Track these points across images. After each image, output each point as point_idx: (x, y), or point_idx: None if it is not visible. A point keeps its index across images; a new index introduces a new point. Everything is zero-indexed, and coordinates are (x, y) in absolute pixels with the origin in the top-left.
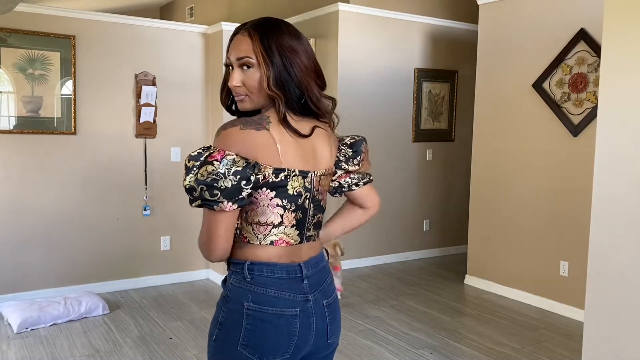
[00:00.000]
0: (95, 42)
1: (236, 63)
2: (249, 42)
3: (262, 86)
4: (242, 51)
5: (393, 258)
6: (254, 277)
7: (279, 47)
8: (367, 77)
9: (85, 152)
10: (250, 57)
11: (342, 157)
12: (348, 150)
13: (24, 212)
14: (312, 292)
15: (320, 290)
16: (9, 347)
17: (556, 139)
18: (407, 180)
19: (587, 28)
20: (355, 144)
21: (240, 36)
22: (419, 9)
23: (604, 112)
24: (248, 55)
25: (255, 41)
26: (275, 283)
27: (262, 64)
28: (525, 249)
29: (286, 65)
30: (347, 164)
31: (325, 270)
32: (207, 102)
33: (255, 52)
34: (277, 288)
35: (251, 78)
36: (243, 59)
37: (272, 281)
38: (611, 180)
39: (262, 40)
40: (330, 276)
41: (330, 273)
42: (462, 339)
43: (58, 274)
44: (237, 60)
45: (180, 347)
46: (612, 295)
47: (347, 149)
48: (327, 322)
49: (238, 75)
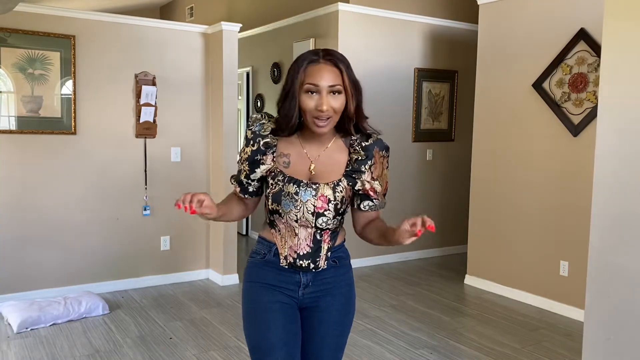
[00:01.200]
0: (95, 42)
1: (327, 89)
2: (338, 73)
3: (344, 109)
4: (333, 80)
5: (393, 258)
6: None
7: (354, 78)
8: (367, 77)
9: (85, 152)
10: (340, 86)
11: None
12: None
13: (24, 212)
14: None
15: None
16: (9, 347)
17: (556, 139)
18: (407, 180)
19: (587, 28)
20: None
21: (326, 66)
22: (419, 9)
23: (604, 112)
24: (338, 83)
25: (343, 73)
26: None
27: (348, 91)
28: (525, 249)
29: (358, 96)
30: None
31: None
32: (207, 102)
33: (344, 82)
34: None
35: (338, 103)
36: (335, 86)
37: None
38: (611, 180)
39: (347, 71)
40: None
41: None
42: (462, 339)
43: (58, 274)
44: (329, 87)
45: (180, 347)
46: (612, 295)
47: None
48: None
49: (328, 100)
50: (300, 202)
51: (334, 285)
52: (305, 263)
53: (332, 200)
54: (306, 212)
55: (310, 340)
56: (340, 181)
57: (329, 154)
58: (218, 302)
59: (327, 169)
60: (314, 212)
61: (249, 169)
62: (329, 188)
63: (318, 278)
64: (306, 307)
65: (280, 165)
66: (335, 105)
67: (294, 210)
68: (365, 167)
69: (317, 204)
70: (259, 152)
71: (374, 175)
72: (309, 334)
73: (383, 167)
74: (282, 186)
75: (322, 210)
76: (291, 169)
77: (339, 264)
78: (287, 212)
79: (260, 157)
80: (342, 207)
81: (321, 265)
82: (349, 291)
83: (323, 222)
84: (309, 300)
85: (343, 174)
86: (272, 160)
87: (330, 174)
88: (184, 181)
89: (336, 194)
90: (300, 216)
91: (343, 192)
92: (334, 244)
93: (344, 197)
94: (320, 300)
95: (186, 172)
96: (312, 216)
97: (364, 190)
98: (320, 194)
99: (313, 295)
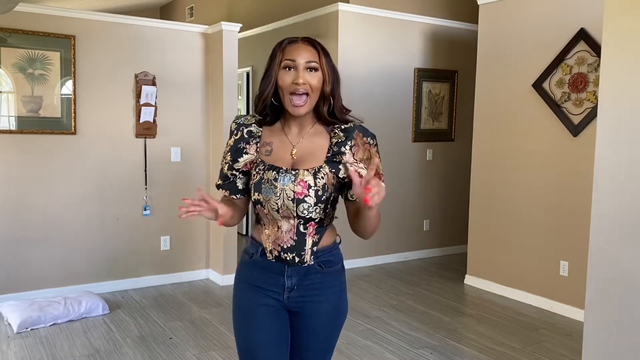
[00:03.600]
0: (95, 42)
1: (303, 65)
2: (314, 51)
3: (321, 87)
4: (310, 57)
5: (393, 258)
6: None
7: (333, 64)
8: (367, 77)
9: (85, 152)
10: (317, 63)
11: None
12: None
13: (24, 212)
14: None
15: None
16: (9, 347)
17: (556, 139)
18: (407, 180)
19: (587, 28)
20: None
21: (303, 45)
22: (419, 9)
23: (604, 112)
24: (315, 60)
25: (320, 53)
26: None
27: (325, 71)
28: (525, 249)
29: (335, 81)
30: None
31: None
32: (207, 102)
33: (321, 61)
34: None
35: (314, 80)
36: (311, 62)
37: None
38: (611, 180)
39: (324, 53)
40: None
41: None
42: (462, 339)
43: (58, 274)
44: (306, 63)
45: (180, 347)
46: (612, 295)
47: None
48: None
49: (304, 75)
50: (280, 189)
51: (320, 292)
52: (290, 256)
53: (313, 186)
54: (286, 198)
55: (297, 343)
56: (322, 167)
57: (310, 138)
58: (218, 302)
59: (309, 153)
60: (294, 198)
61: (232, 158)
62: (309, 174)
63: (304, 283)
64: (292, 311)
65: (263, 155)
66: (312, 82)
67: (274, 198)
68: (345, 148)
69: (296, 189)
70: (242, 140)
71: (357, 157)
72: (295, 337)
73: (370, 152)
74: (262, 174)
75: (302, 196)
76: (272, 157)
77: (325, 269)
78: (268, 200)
79: (244, 145)
80: (324, 194)
81: (307, 260)
82: (338, 298)
83: (305, 210)
84: (294, 304)
85: (325, 160)
86: (255, 151)
87: (311, 159)
88: (184, 181)
89: (317, 180)
90: (281, 204)
91: (325, 178)
92: (320, 239)
93: (326, 185)
94: (305, 307)
95: (186, 172)
96: (293, 203)
97: (348, 176)
98: (300, 179)
99: (299, 300)
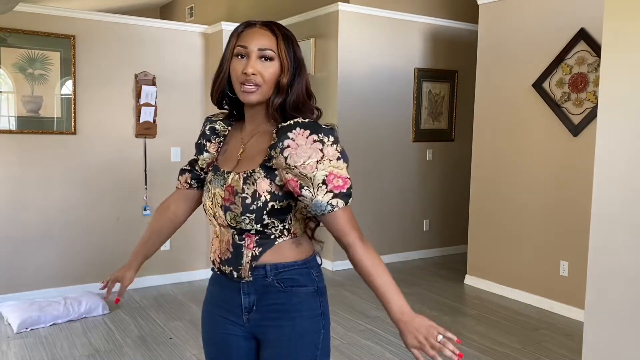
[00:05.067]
0: (95, 42)
1: (256, 53)
2: (272, 37)
3: (277, 79)
4: (264, 43)
5: (393, 258)
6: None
7: (295, 52)
8: (367, 77)
9: (85, 152)
10: (273, 51)
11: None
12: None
13: (24, 212)
14: None
15: None
16: (9, 347)
17: (556, 139)
18: (407, 180)
19: (587, 28)
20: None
21: (260, 29)
22: (419, 9)
23: (604, 112)
24: (271, 48)
25: (279, 39)
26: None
27: (283, 60)
28: (525, 249)
29: (297, 73)
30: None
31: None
32: (207, 102)
33: (279, 49)
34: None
35: (268, 71)
36: (265, 50)
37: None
38: (611, 180)
39: (284, 40)
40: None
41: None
42: (462, 339)
43: (58, 274)
44: (259, 51)
45: (180, 347)
46: (612, 295)
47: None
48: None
49: (256, 64)
50: (212, 193)
51: (282, 315)
52: (228, 270)
53: (240, 193)
54: (216, 204)
55: None
56: (254, 172)
57: (259, 137)
58: None
59: (251, 154)
60: (222, 205)
61: (195, 154)
62: (240, 178)
63: (263, 303)
64: (257, 338)
65: (220, 155)
66: (264, 72)
67: (209, 202)
68: (275, 151)
69: (224, 195)
70: (204, 137)
71: (291, 162)
72: None
73: (323, 153)
74: (208, 175)
75: (227, 203)
76: (224, 156)
77: (285, 287)
78: (204, 204)
79: (204, 142)
80: (254, 202)
81: (244, 276)
82: (307, 327)
83: (232, 219)
84: (257, 329)
85: (259, 164)
86: (216, 151)
87: (250, 163)
88: None
89: (246, 186)
90: (214, 210)
91: (255, 185)
92: (262, 253)
93: (258, 192)
94: (268, 332)
95: None
96: (222, 210)
97: (286, 184)
98: (227, 184)
99: (261, 324)
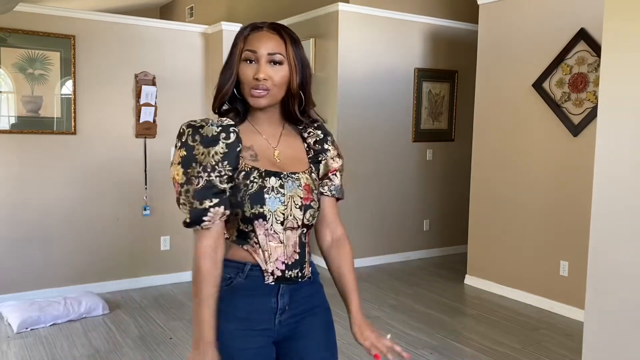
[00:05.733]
0: (95, 42)
1: (266, 57)
2: (280, 41)
3: (287, 84)
4: (273, 48)
5: (393, 258)
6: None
7: (302, 55)
8: (367, 77)
9: (85, 152)
10: (282, 55)
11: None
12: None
13: (24, 212)
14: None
15: None
16: (9, 347)
17: (556, 139)
18: (407, 180)
19: (587, 28)
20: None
21: (268, 33)
22: (419, 9)
23: (604, 112)
24: (280, 52)
25: (287, 42)
26: None
27: (292, 64)
28: (525, 249)
29: (305, 74)
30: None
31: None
32: (207, 102)
33: (287, 52)
34: None
35: (278, 75)
36: (275, 54)
37: None
38: (611, 180)
39: (292, 43)
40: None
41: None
42: (462, 339)
43: (58, 274)
44: (269, 55)
45: (180, 347)
46: (612, 295)
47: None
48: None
49: (266, 69)
50: (288, 197)
51: (313, 304)
52: (294, 273)
53: (314, 189)
54: (294, 207)
55: None
56: (312, 168)
57: (286, 138)
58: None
59: (291, 155)
60: (301, 205)
61: (231, 167)
62: (306, 175)
63: (295, 299)
64: (284, 339)
65: (249, 160)
66: (275, 77)
67: (281, 208)
68: (327, 144)
69: (303, 194)
70: (239, 143)
71: (337, 153)
72: None
73: (338, 151)
74: (262, 182)
75: (309, 201)
76: (261, 161)
77: (313, 278)
78: (274, 212)
79: (241, 148)
80: (317, 197)
81: (307, 274)
82: (328, 313)
83: (310, 217)
84: (287, 328)
85: (309, 159)
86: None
87: (295, 162)
88: None
89: (314, 181)
90: (287, 214)
91: (316, 180)
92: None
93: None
94: (300, 325)
95: None
96: (300, 210)
97: (327, 171)
98: (304, 183)
99: (292, 321)
